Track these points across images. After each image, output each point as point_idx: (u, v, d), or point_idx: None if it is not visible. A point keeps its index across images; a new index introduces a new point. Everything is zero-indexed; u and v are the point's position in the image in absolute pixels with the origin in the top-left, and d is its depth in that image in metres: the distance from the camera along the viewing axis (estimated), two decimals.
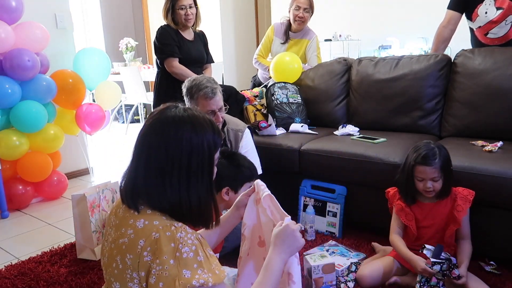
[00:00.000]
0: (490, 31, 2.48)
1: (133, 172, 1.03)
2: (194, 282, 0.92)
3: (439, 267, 1.54)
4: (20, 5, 2.73)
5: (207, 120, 1.06)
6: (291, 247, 1.12)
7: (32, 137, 2.82)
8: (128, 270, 0.97)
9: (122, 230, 1.00)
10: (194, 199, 1.01)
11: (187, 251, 0.94)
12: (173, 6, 2.75)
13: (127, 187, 1.03)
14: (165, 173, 0.99)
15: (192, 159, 1.00)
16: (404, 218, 1.77)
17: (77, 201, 2.03)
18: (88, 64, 3.16)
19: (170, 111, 1.04)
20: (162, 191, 0.99)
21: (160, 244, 0.93)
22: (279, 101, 2.72)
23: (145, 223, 0.97)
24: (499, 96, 2.17)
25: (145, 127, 1.05)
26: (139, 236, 0.96)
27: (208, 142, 1.03)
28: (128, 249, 0.97)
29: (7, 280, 1.90)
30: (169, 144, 0.99)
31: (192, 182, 1.01)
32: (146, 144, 1.02)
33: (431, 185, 1.66)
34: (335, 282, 1.67)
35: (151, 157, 1.00)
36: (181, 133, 1.00)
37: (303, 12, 3.08)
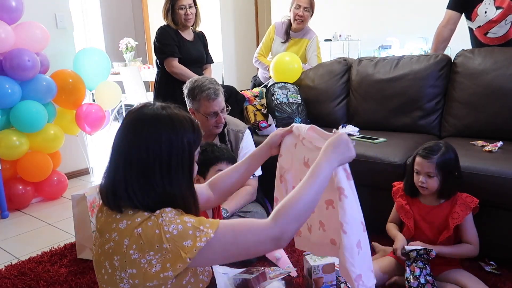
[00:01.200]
0: (489, 31, 2.48)
1: (112, 174, 1.02)
2: (199, 244, 0.93)
3: (415, 253, 1.57)
4: (20, 5, 2.73)
5: (186, 117, 1.06)
6: (343, 155, 1.10)
7: (32, 137, 2.82)
8: (117, 272, 0.97)
9: (106, 236, 0.99)
10: (177, 191, 1.01)
11: (174, 227, 0.94)
12: (173, 6, 2.76)
13: (107, 189, 1.02)
14: (148, 173, 0.99)
15: (172, 157, 1.00)
16: (403, 216, 1.78)
17: (77, 201, 2.03)
18: (88, 64, 3.16)
19: (148, 109, 1.03)
20: (146, 190, 0.99)
21: (146, 237, 0.93)
22: (279, 101, 2.72)
23: (128, 223, 0.97)
24: (499, 96, 2.17)
25: (122, 126, 1.03)
26: (123, 236, 0.96)
27: (188, 139, 1.02)
28: (114, 252, 0.97)
29: (7, 280, 1.90)
30: (149, 143, 0.98)
31: (174, 179, 1.01)
32: (125, 144, 1.01)
33: (425, 180, 1.65)
34: (335, 282, 1.67)
35: (131, 157, 0.99)
36: (160, 131, 0.99)
37: (303, 11, 3.08)
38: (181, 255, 0.92)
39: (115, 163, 1.02)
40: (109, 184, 1.02)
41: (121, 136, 1.02)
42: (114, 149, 1.03)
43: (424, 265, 1.58)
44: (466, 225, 1.67)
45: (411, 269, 1.59)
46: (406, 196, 1.79)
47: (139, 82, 5.17)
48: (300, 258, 1.94)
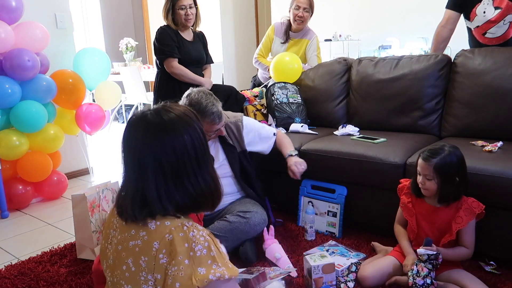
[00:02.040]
0: (488, 31, 2.48)
1: (139, 183, 1.01)
2: (211, 276, 0.95)
3: (427, 256, 1.57)
4: (20, 5, 2.73)
5: (189, 109, 1.09)
6: None
7: (32, 137, 2.82)
8: (143, 273, 0.98)
9: (131, 232, 1.00)
10: (210, 182, 1.06)
11: (200, 248, 0.96)
12: (173, 6, 2.76)
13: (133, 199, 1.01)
14: (181, 173, 1.02)
15: (197, 151, 1.04)
16: (405, 213, 1.79)
17: (77, 201, 2.03)
18: (88, 64, 3.16)
19: (155, 115, 1.03)
20: (184, 189, 1.02)
21: (174, 246, 0.95)
22: (279, 101, 2.72)
23: (157, 224, 0.98)
24: (499, 96, 2.17)
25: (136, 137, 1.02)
26: (153, 238, 0.97)
27: (201, 130, 1.07)
28: (142, 252, 0.98)
29: (7, 280, 1.90)
30: (175, 145, 1.01)
31: (204, 169, 1.05)
32: (149, 154, 1.00)
33: (423, 181, 1.66)
34: (335, 282, 1.67)
35: (161, 164, 1.00)
36: (181, 132, 1.02)
37: (303, 11, 3.08)
38: (192, 280, 0.94)
39: (140, 174, 1.01)
40: (135, 194, 1.01)
41: (140, 147, 1.01)
42: (135, 160, 1.02)
43: (432, 268, 1.57)
44: (467, 230, 1.66)
45: (418, 268, 1.58)
46: (411, 194, 1.79)
47: (139, 82, 5.17)
48: (300, 258, 1.94)
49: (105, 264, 1.09)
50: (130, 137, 1.04)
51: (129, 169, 1.04)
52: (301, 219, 2.34)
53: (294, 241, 2.14)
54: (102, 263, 1.12)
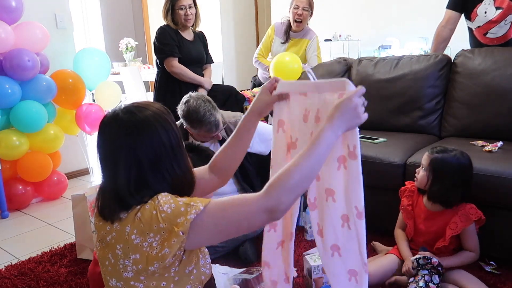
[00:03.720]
0: (489, 31, 2.48)
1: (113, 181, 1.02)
2: (189, 216, 0.94)
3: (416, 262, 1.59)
4: (20, 5, 2.73)
5: (159, 105, 1.10)
6: (350, 121, 1.03)
7: (32, 137, 2.82)
8: (120, 260, 0.99)
9: (107, 228, 1.02)
10: (185, 171, 1.08)
11: (168, 206, 0.96)
12: (172, 6, 2.76)
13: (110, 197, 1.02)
14: (159, 163, 1.02)
15: (172, 143, 1.05)
16: (404, 215, 1.79)
17: (77, 201, 2.03)
18: (88, 64, 3.16)
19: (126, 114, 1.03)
20: (162, 178, 1.03)
21: (144, 220, 0.95)
22: None
23: (128, 212, 0.99)
24: (499, 96, 2.17)
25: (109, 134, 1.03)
26: (124, 224, 0.98)
27: (172, 121, 1.08)
28: (117, 241, 0.99)
29: (7, 280, 1.90)
30: (153, 140, 1.02)
31: (179, 159, 1.07)
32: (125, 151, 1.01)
33: (417, 171, 1.71)
34: None
35: (139, 159, 1.00)
36: (155, 127, 1.03)
37: (302, 10, 3.08)
38: (174, 230, 0.94)
39: (113, 171, 1.02)
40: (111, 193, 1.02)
41: (113, 145, 1.02)
42: (108, 158, 1.04)
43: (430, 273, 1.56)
44: (466, 236, 1.65)
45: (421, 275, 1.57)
46: (412, 197, 1.79)
47: (139, 82, 5.16)
48: (300, 258, 1.94)
49: (100, 264, 1.10)
50: (103, 137, 1.04)
51: (104, 168, 1.05)
52: (301, 219, 2.33)
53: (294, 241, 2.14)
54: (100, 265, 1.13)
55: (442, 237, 1.66)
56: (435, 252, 1.67)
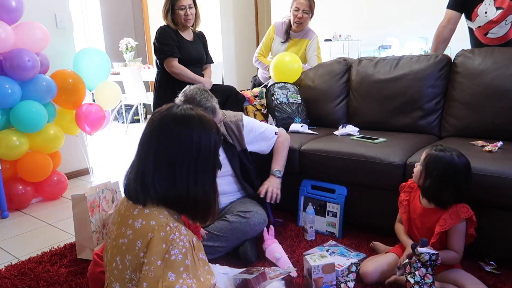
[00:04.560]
0: (490, 31, 2.48)
1: (141, 166, 1.05)
2: (177, 286, 0.93)
3: (428, 256, 1.53)
4: (20, 5, 2.73)
5: (211, 119, 1.12)
6: None
7: (32, 137, 2.82)
8: (128, 271, 0.98)
9: (122, 229, 1.02)
10: (200, 191, 1.05)
11: (176, 253, 0.95)
12: (172, 6, 2.76)
13: (136, 180, 1.04)
14: (175, 166, 1.02)
15: (200, 154, 1.05)
16: (401, 210, 1.82)
17: (77, 201, 2.03)
18: (88, 64, 3.16)
19: (178, 109, 1.08)
20: (172, 182, 1.02)
21: (152, 245, 0.95)
22: (279, 101, 2.72)
23: (143, 223, 0.99)
24: (499, 96, 2.17)
25: (152, 123, 1.07)
26: (137, 237, 0.98)
27: (215, 139, 1.08)
28: (127, 250, 0.98)
29: (7, 280, 1.90)
30: (180, 139, 1.03)
31: (199, 174, 1.05)
32: (155, 140, 1.04)
33: (416, 166, 1.74)
34: (335, 282, 1.67)
35: (161, 152, 1.03)
36: (192, 129, 1.05)
37: (302, 13, 3.08)
38: (158, 284, 0.93)
39: (144, 157, 1.05)
40: (138, 176, 1.04)
41: (151, 133, 1.06)
42: (143, 145, 1.07)
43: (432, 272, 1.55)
44: (453, 234, 1.63)
45: (419, 272, 1.54)
46: (410, 193, 1.81)
47: (139, 82, 5.17)
48: (300, 258, 1.94)
49: (105, 258, 1.10)
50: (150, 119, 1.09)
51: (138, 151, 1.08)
52: (301, 219, 2.34)
53: (294, 241, 2.14)
54: (104, 257, 1.13)
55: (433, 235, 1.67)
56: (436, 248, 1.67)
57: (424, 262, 1.54)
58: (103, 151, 4.57)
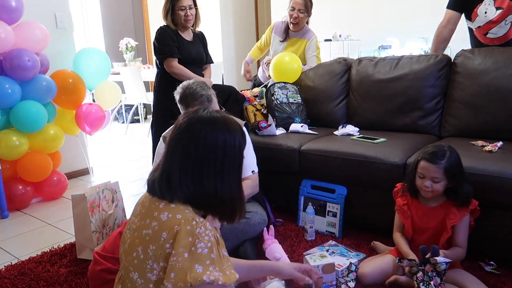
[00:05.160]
0: (489, 31, 2.48)
1: (167, 166, 1.09)
2: (205, 278, 0.96)
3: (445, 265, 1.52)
4: (20, 5, 2.73)
5: (235, 121, 1.17)
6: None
7: (32, 137, 2.82)
8: (149, 261, 1.02)
9: (146, 221, 1.06)
10: (227, 190, 1.10)
11: (202, 246, 0.99)
12: (172, 7, 2.75)
13: (161, 179, 1.09)
14: (202, 167, 1.07)
15: (226, 155, 1.09)
16: (401, 216, 1.79)
17: (77, 201, 2.03)
18: (88, 64, 3.16)
19: (204, 112, 1.13)
20: (199, 183, 1.07)
21: (179, 237, 0.99)
22: (279, 101, 2.72)
23: (169, 216, 1.03)
24: (499, 96, 2.17)
25: (179, 126, 1.12)
26: (162, 229, 1.01)
27: (239, 141, 1.13)
28: (151, 241, 1.02)
29: (7, 280, 1.90)
30: (206, 141, 1.08)
31: (226, 175, 1.10)
32: (183, 142, 1.09)
33: (430, 185, 1.64)
34: (335, 282, 1.67)
35: (188, 153, 1.07)
36: (217, 131, 1.09)
37: (298, 12, 3.06)
38: (186, 275, 0.96)
39: (170, 158, 1.09)
40: (163, 174, 1.09)
41: (178, 136, 1.11)
42: (171, 146, 1.11)
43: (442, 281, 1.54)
44: (461, 228, 1.66)
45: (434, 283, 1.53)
46: (406, 196, 1.79)
47: (139, 82, 5.17)
48: (300, 258, 1.94)
49: (122, 248, 1.14)
50: (177, 122, 1.14)
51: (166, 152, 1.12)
52: (301, 219, 2.34)
53: (294, 241, 2.14)
54: (120, 247, 1.17)
55: (444, 231, 1.67)
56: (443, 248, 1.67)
57: (439, 271, 1.53)
58: (103, 151, 4.57)
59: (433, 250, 1.57)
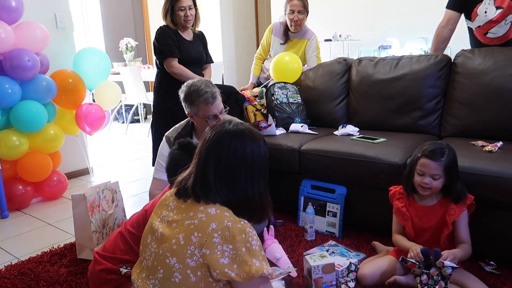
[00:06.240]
0: (489, 31, 2.48)
1: (200, 173, 1.21)
2: (265, 271, 1.11)
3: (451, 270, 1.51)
4: (20, 5, 2.73)
5: (258, 132, 1.31)
6: None
7: (32, 137, 2.82)
8: (191, 247, 1.11)
9: (190, 213, 1.16)
10: (256, 195, 1.24)
11: (255, 244, 1.13)
12: (172, 7, 2.75)
13: (196, 184, 1.20)
14: (234, 175, 1.21)
15: (254, 163, 1.23)
16: (400, 218, 1.78)
17: (77, 201, 2.03)
18: (88, 64, 3.16)
19: (230, 125, 1.25)
20: (232, 188, 1.20)
21: (233, 232, 1.10)
22: (279, 101, 2.72)
23: (217, 212, 1.15)
24: (499, 96, 2.17)
25: (208, 139, 1.23)
26: (211, 220, 1.12)
27: (264, 149, 1.27)
28: (197, 229, 1.12)
29: (7, 280, 1.90)
30: (236, 152, 1.21)
31: (254, 180, 1.23)
32: (213, 154, 1.21)
33: (429, 182, 1.65)
34: (335, 282, 1.67)
35: (220, 163, 1.20)
36: (245, 143, 1.23)
37: (298, 14, 3.06)
38: (250, 267, 1.10)
39: (204, 165, 1.21)
40: (198, 180, 1.21)
41: (210, 147, 1.22)
42: (203, 156, 1.23)
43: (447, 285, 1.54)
44: (462, 223, 1.67)
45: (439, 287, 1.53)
46: (403, 198, 1.80)
47: (139, 82, 5.17)
48: (300, 258, 1.94)
49: (150, 238, 1.24)
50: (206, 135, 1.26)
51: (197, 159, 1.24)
52: (301, 219, 2.34)
53: (294, 241, 2.14)
54: (145, 237, 1.27)
55: (445, 227, 1.67)
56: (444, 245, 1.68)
57: (445, 276, 1.53)
58: (103, 151, 4.57)
59: (435, 253, 1.57)
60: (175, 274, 1.12)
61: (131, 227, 1.65)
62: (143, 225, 1.61)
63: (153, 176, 2.19)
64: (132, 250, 1.60)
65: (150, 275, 1.19)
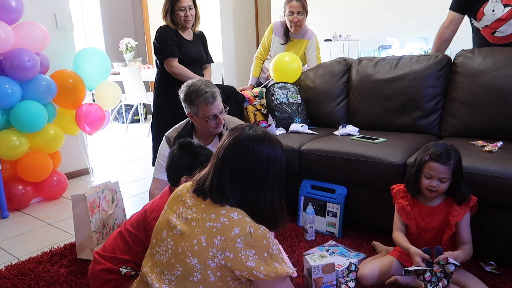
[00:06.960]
0: (497, 30, 2.43)
1: (216, 176, 1.22)
2: (289, 270, 1.17)
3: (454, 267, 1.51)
4: (20, 5, 2.73)
5: (277, 138, 1.30)
6: None
7: (32, 137, 2.82)
8: (213, 249, 1.13)
9: (211, 215, 1.17)
10: (269, 201, 1.24)
11: (275, 249, 1.17)
12: (172, 7, 2.75)
13: (212, 186, 1.21)
14: (248, 179, 1.21)
15: (270, 168, 1.23)
16: (404, 217, 1.78)
17: (77, 201, 2.03)
18: (88, 64, 3.16)
19: (250, 130, 1.25)
20: (246, 193, 1.21)
21: (255, 238, 1.14)
22: (279, 101, 2.72)
23: (239, 217, 1.17)
24: (499, 96, 2.17)
25: (227, 142, 1.24)
26: (234, 225, 1.15)
27: (281, 156, 1.26)
28: (219, 232, 1.14)
29: (7, 280, 1.90)
30: (253, 156, 1.21)
31: (268, 187, 1.23)
32: (231, 157, 1.22)
33: (437, 185, 1.65)
34: (335, 282, 1.67)
35: (236, 166, 1.21)
36: (262, 149, 1.22)
37: (297, 15, 3.06)
38: (277, 269, 1.14)
39: (220, 168, 1.22)
40: (214, 182, 1.21)
41: (228, 151, 1.23)
42: (220, 158, 1.23)
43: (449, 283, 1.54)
44: (464, 224, 1.68)
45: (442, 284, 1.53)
46: (408, 197, 1.79)
47: (139, 82, 5.17)
48: (300, 258, 1.94)
49: (166, 233, 1.24)
50: (225, 138, 1.26)
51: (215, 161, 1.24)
52: (301, 219, 2.34)
53: (294, 241, 2.14)
54: (159, 231, 1.26)
55: (448, 228, 1.68)
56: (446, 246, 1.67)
57: (447, 273, 1.53)
58: (103, 151, 4.57)
59: (437, 251, 1.57)
60: (195, 274, 1.14)
61: (131, 227, 1.65)
62: (143, 225, 1.61)
63: (153, 176, 2.19)
64: (132, 250, 1.61)
65: (166, 271, 1.20)
